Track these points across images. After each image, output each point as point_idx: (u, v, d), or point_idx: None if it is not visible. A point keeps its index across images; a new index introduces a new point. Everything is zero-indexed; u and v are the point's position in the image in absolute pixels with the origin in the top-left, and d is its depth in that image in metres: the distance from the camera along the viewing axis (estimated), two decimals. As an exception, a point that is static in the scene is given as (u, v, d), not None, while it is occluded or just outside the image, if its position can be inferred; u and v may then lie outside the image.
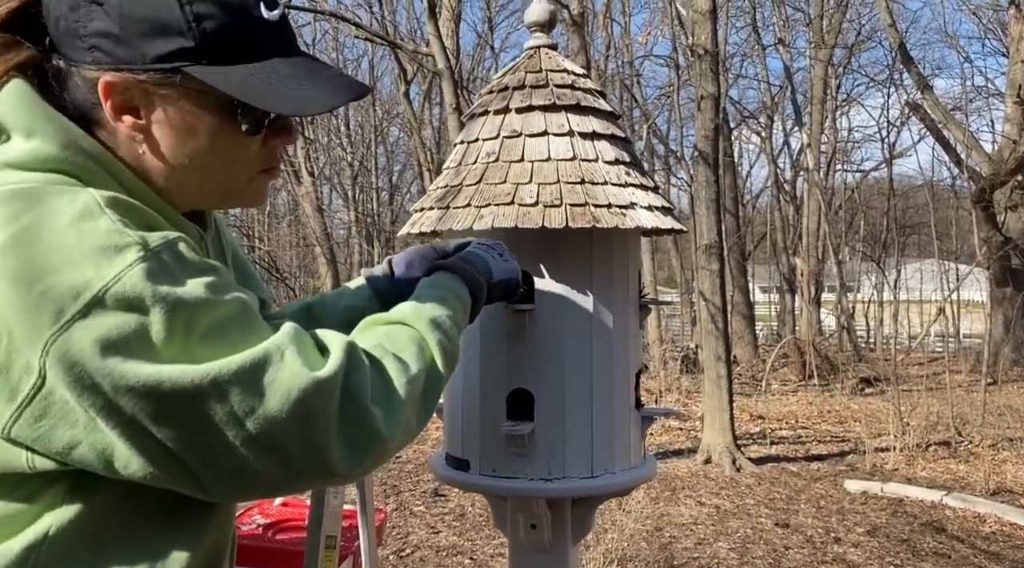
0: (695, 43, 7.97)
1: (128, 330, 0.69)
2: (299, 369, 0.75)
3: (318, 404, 0.76)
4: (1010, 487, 6.57)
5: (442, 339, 0.94)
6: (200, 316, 0.72)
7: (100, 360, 0.68)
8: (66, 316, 0.68)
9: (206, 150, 0.85)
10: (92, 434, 0.71)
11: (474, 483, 1.48)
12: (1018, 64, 13.38)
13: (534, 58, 1.55)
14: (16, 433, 0.71)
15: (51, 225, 0.71)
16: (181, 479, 0.75)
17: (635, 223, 1.37)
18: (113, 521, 0.78)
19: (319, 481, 0.81)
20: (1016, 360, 13.38)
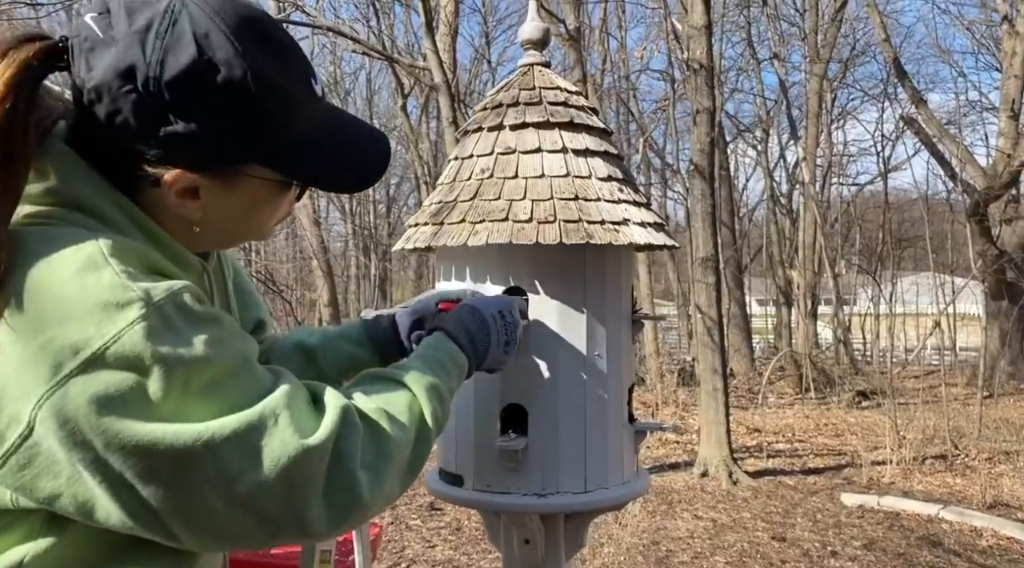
0: (691, 57, 8.02)
1: (125, 388, 0.69)
2: (291, 437, 0.76)
3: (306, 471, 0.77)
4: (1006, 501, 6.56)
5: (436, 408, 0.96)
6: (199, 373, 0.73)
7: (95, 417, 0.68)
8: (63, 371, 0.68)
9: (258, 219, 0.93)
10: (75, 486, 0.71)
11: (468, 498, 1.48)
12: (1011, 79, 13.48)
13: (528, 75, 1.56)
14: (1, 478, 0.71)
15: (55, 276, 0.72)
16: (159, 533, 0.75)
17: (628, 239, 1.38)
18: (92, 550, 0.78)
19: (296, 540, 0.82)
20: (1012, 373, 13.39)
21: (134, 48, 0.77)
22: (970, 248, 12.73)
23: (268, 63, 0.82)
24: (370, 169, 0.96)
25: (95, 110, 0.80)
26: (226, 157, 0.84)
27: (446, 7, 11.51)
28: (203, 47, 0.78)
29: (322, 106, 0.92)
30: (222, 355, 0.75)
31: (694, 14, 7.88)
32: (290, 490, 0.76)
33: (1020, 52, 13.35)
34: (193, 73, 0.78)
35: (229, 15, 0.81)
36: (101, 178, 0.82)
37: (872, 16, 14.34)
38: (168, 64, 0.77)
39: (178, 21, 0.78)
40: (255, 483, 0.74)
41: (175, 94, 0.78)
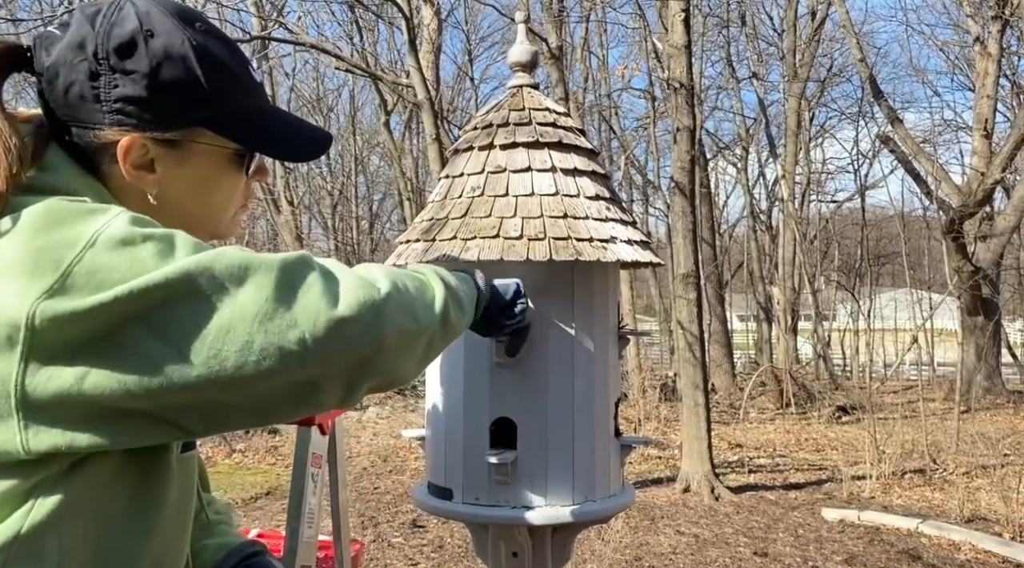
0: (671, 76, 8.13)
1: (121, 262, 0.74)
2: (275, 253, 0.82)
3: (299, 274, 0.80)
4: (984, 514, 6.64)
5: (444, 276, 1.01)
6: (185, 240, 0.79)
7: (95, 296, 0.72)
8: (65, 263, 0.73)
9: (213, 196, 0.96)
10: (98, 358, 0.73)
11: (457, 511, 1.50)
12: (984, 99, 13.76)
13: (517, 97, 1.60)
14: (28, 380, 0.73)
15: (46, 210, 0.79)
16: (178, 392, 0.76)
17: (615, 256, 1.42)
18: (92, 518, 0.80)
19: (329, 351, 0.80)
20: (988, 388, 13.56)
21: (84, 26, 0.88)
22: (946, 264, 12.93)
23: (207, 41, 0.92)
24: (313, 143, 1.02)
25: (53, 89, 0.88)
26: (174, 118, 0.90)
27: (429, 25, 11.59)
28: (144, 21, 0.89)
29: (263, 92, 1.00)
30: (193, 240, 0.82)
31: (674, 34, 8.00)
32: (290, 290, 0.79)
33: (992, 72, 13.65)
34: (135, 39, 0.87)
35: (168, 6, 0.91)
36: (78, 165, 0.89)
37: (848, 37, 14.60)
38: (114, 34, 0.87)
39: (123, 8, 0.89)
40: (254, 284, 0.77)
41: (121, 58, 0.87)
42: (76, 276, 0.72)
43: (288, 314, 0.77)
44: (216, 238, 1.02)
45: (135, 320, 0.74)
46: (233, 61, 0.94)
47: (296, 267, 0.81)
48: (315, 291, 0.80)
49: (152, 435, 0.79)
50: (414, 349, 0.91)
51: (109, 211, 0.79)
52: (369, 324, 0.82)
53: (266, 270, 0.78)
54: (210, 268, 0.76)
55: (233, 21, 13.76)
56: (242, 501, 7.28)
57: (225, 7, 10.08)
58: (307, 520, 2.79)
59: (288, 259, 0.81)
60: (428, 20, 11.58)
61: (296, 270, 0.80)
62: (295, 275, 0.80)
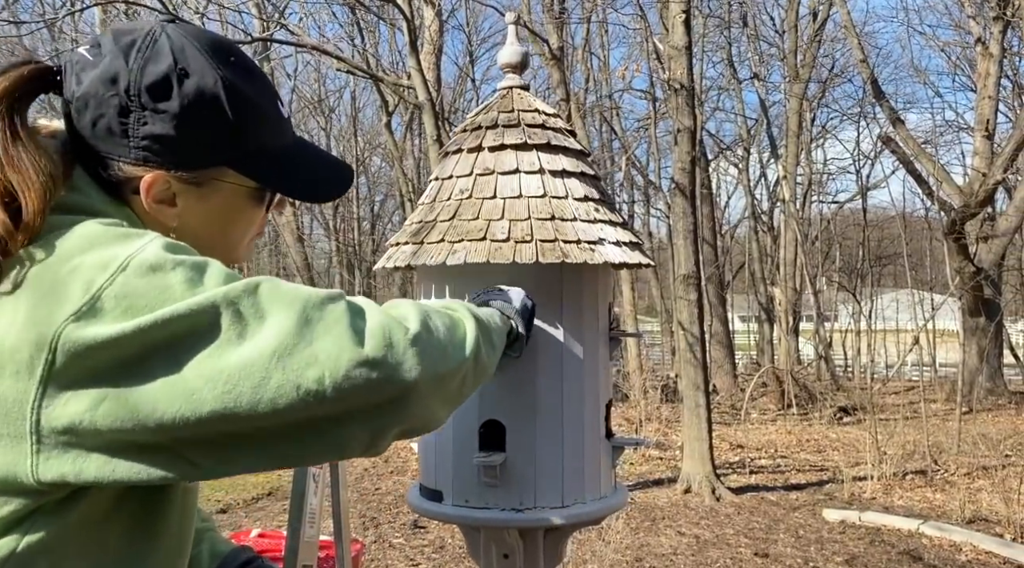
0: (672, 77, 8.13)
1: (151, 288, 0.75)
2: (303, 286, 0.82)
3: (324, 310, 0.79)
4: (985, 516, 6.62)
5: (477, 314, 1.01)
6: (215, 270, 0.79)
7: (120, 324, 0.72)
8: (96, 286, 0.74)
9: (233, 228, 0.98)
10: (115, 386, 0.73)
11: (447, 514, 1.50)
12: (986, 99, 13.74)
13: (507, 98, 1.60)
14: (45, 405, 0.73)
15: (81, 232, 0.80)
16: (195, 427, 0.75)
17: (603, 258, 1.42)
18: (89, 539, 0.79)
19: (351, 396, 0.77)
20: (990, 389, 13.53)
21: (118, 59, 0.87)
22: (948, 265, 12.90)
23: (238, 78, 0.91)
24: (336, 183, 1.03)
25: (82, 118, 0.88)
26: (200, 158, 0.90)
27: (430, 26, 11.60)
28: (179, 58, 0.88)
29: (290, 127, 1.00)
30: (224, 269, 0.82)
31: (675, 34, 8.00)
32: (311, 326, 0.77)
33: (994, 73, 13.63)
34: (169, 78, 0.87)
35: (203, 39, 0.91)
36: (103, 189, 0.89)
37: (849, 37, 14.59)
38: (147, 71, 0.87)
39: (158, 40, 0.89)
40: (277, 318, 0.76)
41: (153, 97, 0.87)
42: (105, 300, 0.73)
43: (308, 350, 0.75)
44: (231, 264, 1.03)
45: (156, 350, 0.73)
46: (262, 98, 0.94)
47: (321, 303, 0.79)
48: (339, 328, 0.77)
49: (160, 471, 0.77)
50: (444, 392, 0.87)
51: (144, 236, 0.79)
52: (395, 366, 0.78)
53: (290, 305, 0.77)
54: (235, 301, 0.75)
55: (235, 22, 13.77)
56: (244, 501, 7.29)
57: (226, 8, 10.09)
58: (308, 520, 2.80)
59: (314, 295, 0.80)
60: (429, 21, 11.59)
61: (321, 306, 0.79)
62: (320, 311, 0.78)
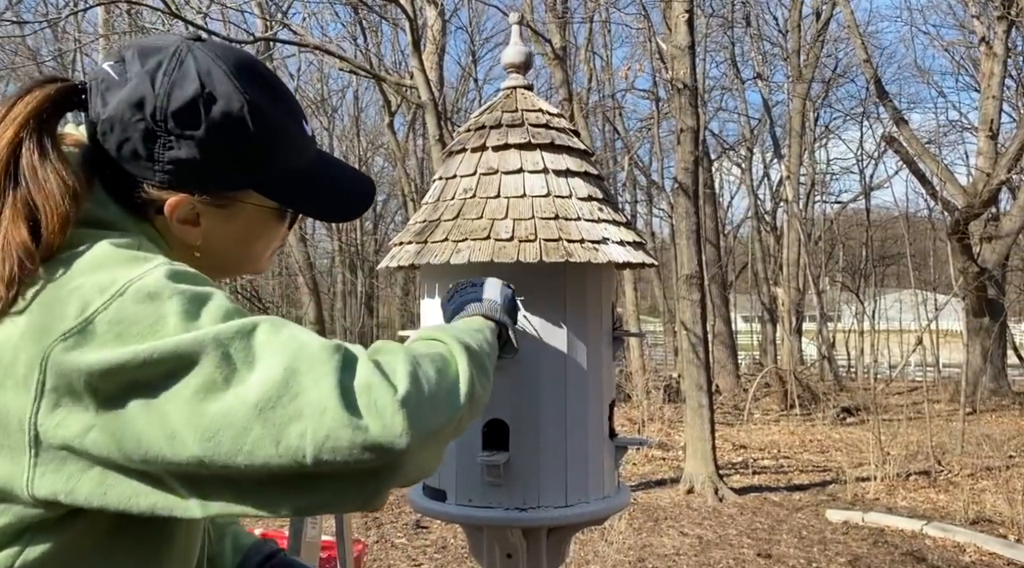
0: (675, 77, 8.12)
1: (144, 316, 0.74)
2: (300, 332, 0.79)
3: (314, 360, 0.76)
4: (989, 516, 6.61)
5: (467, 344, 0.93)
6: (210, 305, 0.78)
7: (110, 350, 0.72)
8: (91, 308, 0.74)
9: (255, 245, 0.99)
10: (102, 416, 0.73)
11: (450, 513, 1.50)
12: (990, 99, 13.71)
13: (510, 98, 1.60)
14: (41, 420, 0.73)
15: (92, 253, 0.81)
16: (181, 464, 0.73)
17: (607, 258, 1.42)
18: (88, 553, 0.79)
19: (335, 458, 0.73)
20: (994, 390, 13.51)
21: (144, 83, 0.87)
22: (951, 265, 12.88)
23: (264, 100, 0.91)
24: (358, 202, 1.04)
25: (107, 140, 0.88)
26: (225, 182, 0.91)
27: (433, 26, 11.61)
28: (205, 82, 0.88)
29: (313, 145, 1.01)
30: (229, 299, 0.82)
31: (678, 34, 8.00)
32: (298, 379, 0.74)
33: (998, 73, 13.60)
34: (196, 103, 0.87)
35: (230, 59, 0.91)
36: (123, 204, 0.90)
37: (853, 37, 14.57)
38: (174, 96, 0.87)
39: (184, 62, 0.88)
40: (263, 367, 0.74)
41: (179, 122, 0.87)
42: (98, 324, 0.73)
43: (292, 405, 0.72)
44: (250, 274, 1.07)
45: (140, 386, 0.72)
46: (287, 119, 0.94)
47: (313, 355, 0.76)
48: (327, 384, 0.74)
49: (151, 501, 0.75)
50: (438, 444, 0.83)
51: (151, 260, 0.79)
52: (382, 432, 0.74)
53: (280, 353, 0.75)
54: (225, 344, 0.74)
55: (237, 22, 13.80)
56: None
57: (229, 8, 10.11)
58: (310, 520, 2.80)
59: (308, 346, 0.77)
60: (432, 21, 11.59)
61: (312, 358, 0.75)
62: (310, 363, 0.75)
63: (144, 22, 9.70)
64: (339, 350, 0.78)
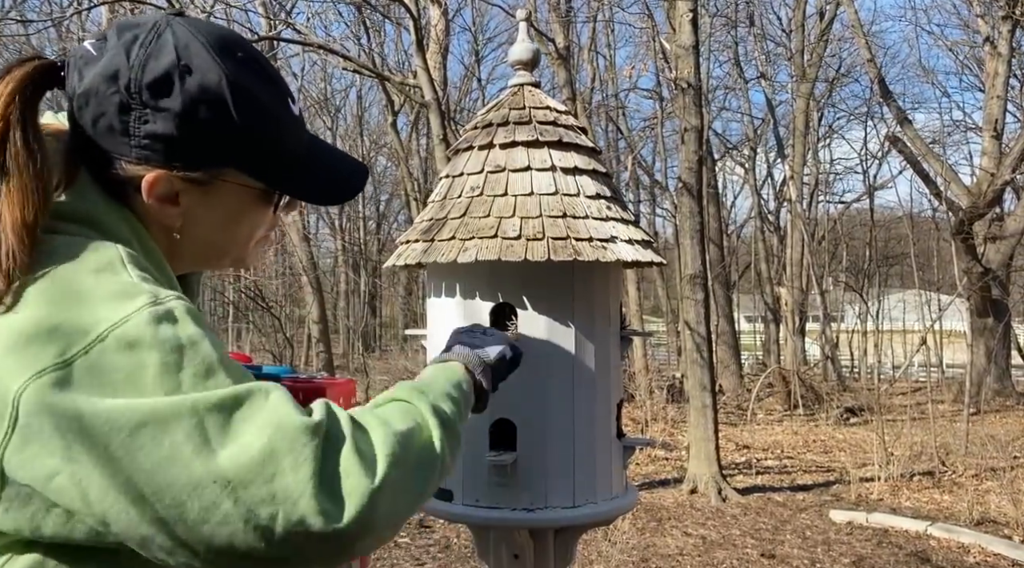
0: (678, 77, 8.11)
1: (124, 367, 0.72)
2: (283, 408, 0.75)
3: (294, 442, 0.74)
4: (994, 517, 6.59)
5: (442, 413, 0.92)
6: (194, 359, 0.75)
7: (86, 397, 0.70)
8: (71, 351, 0.71)
9: (238, 229, 0.95)
10: (70, 464, 0.71)
11: (457, 513, 1.49)
12: (994, 99, 13.67)
13: (518, 95, 1.59)
14: (8, 456, 0.71)
15: (75, 273, 0.77)
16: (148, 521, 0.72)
17: (615, 256, 1.41)
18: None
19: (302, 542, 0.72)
20: (999, 390, 13.47)
21: (120, 55, 0.84)
22: (955, 266, 12.85)
23: (245, 75, 0.88)
24: (346, 186, 0.99)
25: (83, 115, 0.86)
26: (203, 158, 0.87)
27: (436, 26, 11.60)
28: (182, 55, 0.85)
29: (301, 126, 0.96)
30: (218, 348, 0.78)
31: (682, 34, 7.98)
32: (276, 461, 0.72)
33: (1002, 73, 13.56)
34: (171, 75, 0.84)
35: (211, 35, 0.88)
36: (105, 191, 0.87)
37: (857, 37, 14.54)
38: (149, 67, 0.84)
39: (162, 35, 0.86)
40: (240, 445, 0.71)
41: (153, 94, 0.84)
42: (76, 369, 0.70)
43: (266, 487, 0.71)
44: (238, 266, 1.02)
45: (110, 444, 0.70)
46: (272, 97, 0.91)
47: (295, 438, 0.73)
48: (305, 471, 0.72)
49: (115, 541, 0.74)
50: (404, 520, 0.85)
51: (135, 298, 0.75)
52: (356, 518, 0.74)
53: (261, 430, 0.72)
54: (200, 415, 0.71)
55: (241, 21, 13.80)
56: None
57: (233, 7, 10.11)
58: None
59: (291, 425, 0.74)
60: (435, 21, 11.59)
61: (292, 440, 0.73)
62: (290, 445, 0.73)
63: (148, 21, 9.70)
64: (319, 432, 0.76)
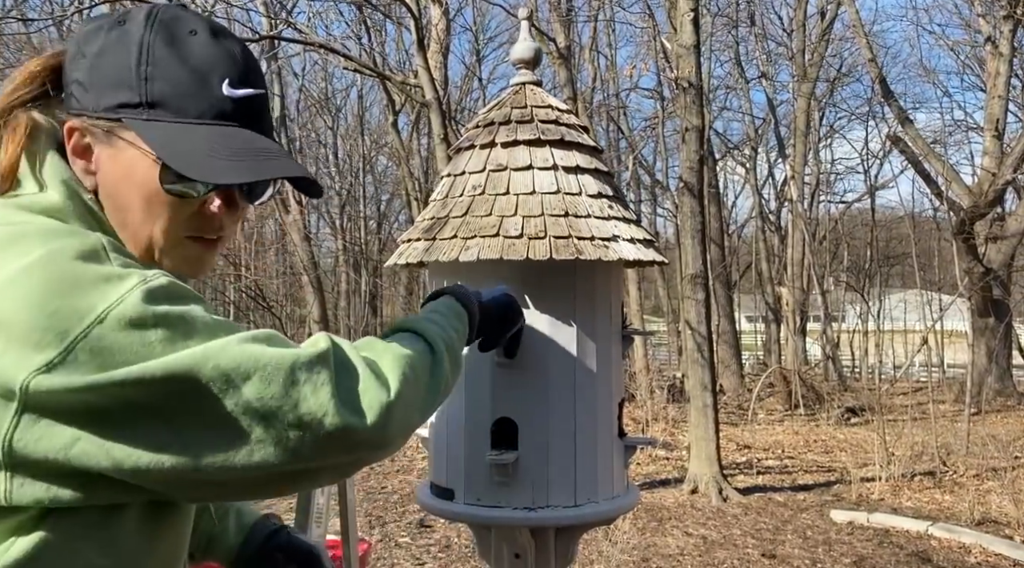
0: (680, 76, 8.10)
1: (128, 345, 0.73)
2: (291, 344, 0.81)
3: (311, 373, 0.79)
4: (995, 517, 6.59)
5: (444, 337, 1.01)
6: (194, 327, 0.77)
7: (94, 376, 0.71)
8: (71, 337, 0.72)
9: (136, 199, 0.87)
10: (88, 429, 0.73)
11: (458, 512, 1.48)
12: (995, 99, 13.66)
13: (520, 94, 1.59)
14: (18, 436, 0.72)
15: (63, 257, 0.76)
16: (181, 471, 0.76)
17: (617, 255, 1.40)
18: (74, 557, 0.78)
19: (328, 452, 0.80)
20: (999, 390, 13.47)
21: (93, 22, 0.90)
22: (956, 265, 12.85)
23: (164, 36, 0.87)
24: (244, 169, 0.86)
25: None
26: (98, 101, 0.86)
27: (437, 25, 11.60)
28: (126, 14, 0.89)
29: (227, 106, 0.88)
30: (214, 313, 0.81)
31: (683, 33, 7.98)
32: (297, 389, 0.77)
33: (1004, 73, 13.55)
34: (103, 25, 0.88)
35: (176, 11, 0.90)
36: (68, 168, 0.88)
37: (858, 36, 14.53)
38: (93, 21, 0.89)
39: (142, 8, 0.90)
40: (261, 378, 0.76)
41: (86, 42, 0.88)
42: (79, 352, 0.71)
43: (293, 413, 0.77)
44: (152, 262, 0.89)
45: (129, 405, 0.73)
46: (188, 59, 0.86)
47: (308, 364, 0.79)
48: (324, 392, 0.79)
49: (134, 495, 0.78)
50: (415, 428, 0.93)
51: (126, 280, 0.76)
52: (374, 429, 0.81)
53: (276, 366, 0.77)
54: (215, 360, 0.75)
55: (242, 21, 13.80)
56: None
57: (234, 7, 10.11)
58: (316, 519, 2.79)
59: (301, 356, 0.79)
60: (436, 20, 11.58)
61: (308, 367, 0.79)
62: (306, 372, 0.79)
63: (149, 20, 9.70)
64: (331, 355, 0.82)
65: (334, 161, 21.59)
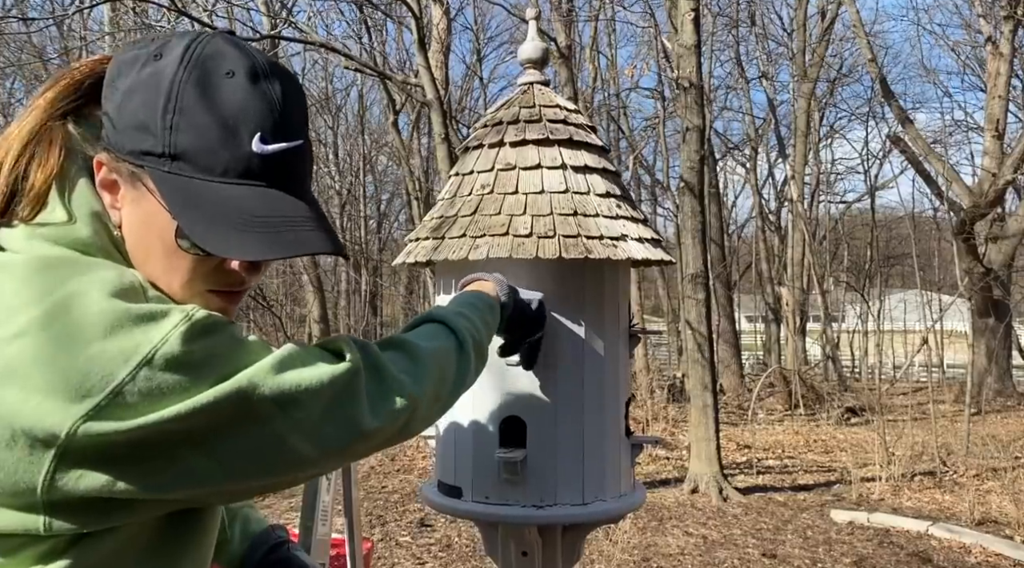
0: (680, 76, 8.11)
1: (175, 384, 0.73)
2: (323, 366, 0.84)
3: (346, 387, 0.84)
4: (995, 517, 6.60)
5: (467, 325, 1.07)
6: (238, 362, 0.78)
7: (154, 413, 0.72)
8: (117, 379, 0.71)
9: (157, 248, 0.84)
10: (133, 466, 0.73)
11: (466, 510, 1.49)
12: (996, 99, 13.67)
13: (528, 93, 1.59)
14: (59, 477, 0.72)
15: (102, 294, 0.76)
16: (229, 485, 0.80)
17: (626, 254, 1.41)
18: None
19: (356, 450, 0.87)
20: (1000, 390, 13.48)
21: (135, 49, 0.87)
22: (957, 266, 12.86)
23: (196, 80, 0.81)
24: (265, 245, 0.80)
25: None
26: (122, 143, 0.83)
27: (438, 24, 11.59)
28: (164, 46, 0.84)
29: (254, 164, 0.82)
30: (249, 336, 0.84)
31: (684, 33, 7.98)
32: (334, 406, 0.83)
33: (1004, 73, 13.56)
34: (139, 57, 0.84)
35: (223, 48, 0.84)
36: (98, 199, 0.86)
37: (858, 37, 14.53)
38: (130, 53, 0.85)
39: (183, 38, 0.84)
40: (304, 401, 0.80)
41: (118, 74, 0.85)
42: (127, 395, 0.71)
43: (331, 428, 0.82)
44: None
45: (181, 438, 0.74)
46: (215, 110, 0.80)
47: (344, 381, 0.83)
48: (359, 405, 0.85)
49: (171, 508, 0.82)
50: (436, 420, 1.04)
51: (167, 317, 0.75)
52: (400, 429, 0.90)
53: (316, 387, 0.81)
54: (260, 388, 0.77)
55: (243, 20, 13.79)
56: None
57: (235, 6, 10.10)
58: (321, 518, 2.80)
59: (337, 373, 0.83)
60: (437, 19, 11.58)
61: (344, 383, 0.83)
62: (342, 389, 0.83)
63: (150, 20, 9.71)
64: (361, 364, 0.86)
65: (334, 161, 21.59)
